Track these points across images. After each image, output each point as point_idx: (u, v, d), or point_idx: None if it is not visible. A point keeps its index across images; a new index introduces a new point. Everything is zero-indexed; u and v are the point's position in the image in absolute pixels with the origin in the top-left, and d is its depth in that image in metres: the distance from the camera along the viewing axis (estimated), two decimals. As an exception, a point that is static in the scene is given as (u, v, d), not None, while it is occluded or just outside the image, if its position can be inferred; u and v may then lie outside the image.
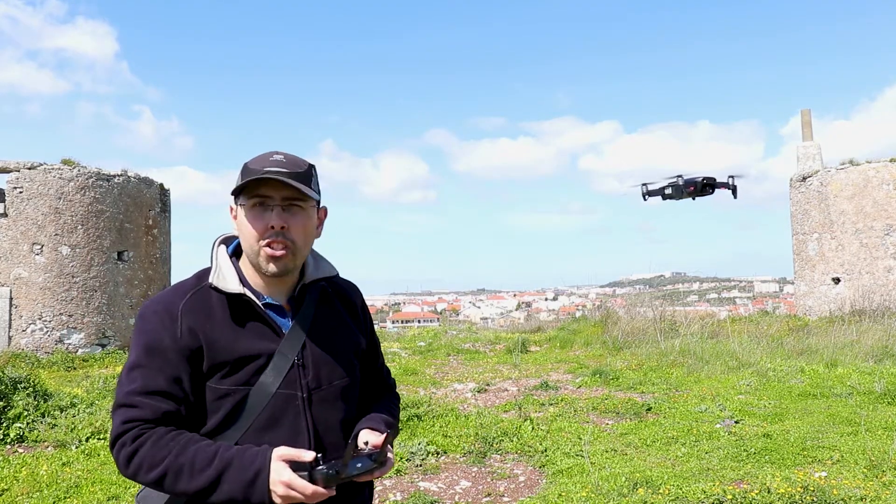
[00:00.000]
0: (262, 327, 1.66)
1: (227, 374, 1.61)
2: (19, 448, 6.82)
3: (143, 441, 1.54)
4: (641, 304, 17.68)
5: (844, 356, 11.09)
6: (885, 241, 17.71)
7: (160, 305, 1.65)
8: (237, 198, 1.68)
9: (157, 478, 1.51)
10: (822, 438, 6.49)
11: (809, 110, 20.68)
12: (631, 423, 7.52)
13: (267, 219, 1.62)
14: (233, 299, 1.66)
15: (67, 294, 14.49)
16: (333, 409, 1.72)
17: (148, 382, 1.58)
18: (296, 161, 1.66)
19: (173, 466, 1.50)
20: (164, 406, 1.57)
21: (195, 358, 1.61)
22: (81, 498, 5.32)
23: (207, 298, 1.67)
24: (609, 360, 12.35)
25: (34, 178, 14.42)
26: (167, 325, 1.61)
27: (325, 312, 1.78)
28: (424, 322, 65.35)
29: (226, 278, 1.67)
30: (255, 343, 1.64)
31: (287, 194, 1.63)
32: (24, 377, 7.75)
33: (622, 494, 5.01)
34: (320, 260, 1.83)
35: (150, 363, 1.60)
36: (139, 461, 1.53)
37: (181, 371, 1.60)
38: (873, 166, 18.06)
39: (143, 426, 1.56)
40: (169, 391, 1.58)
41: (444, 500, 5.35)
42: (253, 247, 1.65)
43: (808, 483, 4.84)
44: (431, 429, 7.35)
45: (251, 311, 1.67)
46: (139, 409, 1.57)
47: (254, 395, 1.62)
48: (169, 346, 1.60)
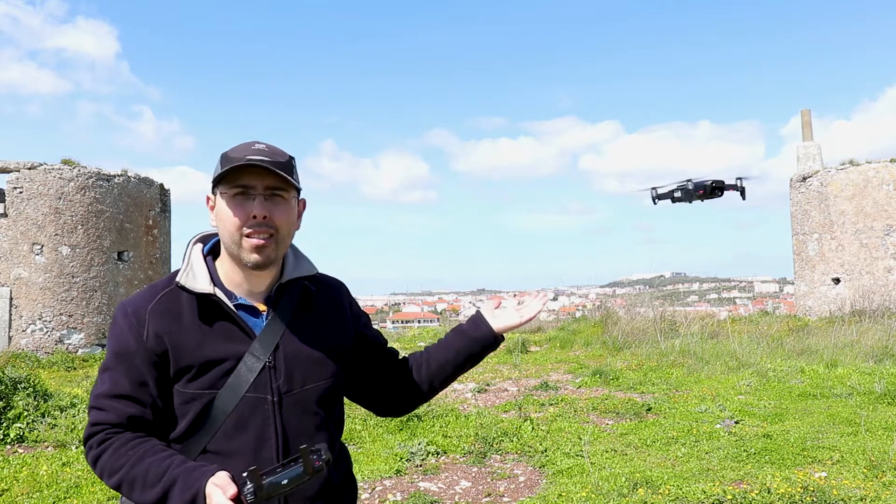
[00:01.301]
0: (231, 329, 1.61)
1: (193, 377, 1.58)
2: (19, 448, 6.82)
3: (107, 447, 1.54)
4: (641, 305, 17.67)
5: (844, 356, 11.09)
6: (885, 242, 17.71)
7: (130, 307, 1.62)
8: (216, 186, 1.62)
9: (116, 485, 1.52)
10: (822, 439, 6.49)
11: (809, 110, 20.68)
12: (631, 424, 7.52)
13: (249, 208, 1.57)
14: (202, 300, 1.61)
15: (67, 294, 14.49)
16: (306, 413, 1.66)
17: (114, 386, 1.57)
18: (277, 151, 1.61)
19: (128, 477, 1.50)
20: (130, 410, 1.56)
21: (161, 362, 1.58)
22: (81, 498, 5.32)
23: (177, 299, 1.62)
24: (609, 361, 12.35)
25: (34, 179, 14.43)
26: (134, 327, 1.59)
27: (304, 311, 1.72)
28: (424, 322, 65.35)
29: (196, 277, 1.63)
30: (222, 345, 1.59)
31: (270, 183, 1.58)
32: (24, 377, 7.75)
33: (622, 494, 5.01)
34: (301, 258, 1.77)
35: (118, 366, 1.58)
36: (101, 466, 1.54)
37: (147, 375, 1.57)
38: (873, 166, 18.06)
39: (109, 430, 1.55)
40: (134, 395, 1.56)
41: (444, 500, 5.35)
42: (234, 237, 1.59)
43: (808, 483, 4.84)
44: (431, 429, 7.35)
45: (220, 311, 1.62)
46: (106, 412, 1.56)
47: (221, 399, 1.58)
48: (134, 350, 1.57)
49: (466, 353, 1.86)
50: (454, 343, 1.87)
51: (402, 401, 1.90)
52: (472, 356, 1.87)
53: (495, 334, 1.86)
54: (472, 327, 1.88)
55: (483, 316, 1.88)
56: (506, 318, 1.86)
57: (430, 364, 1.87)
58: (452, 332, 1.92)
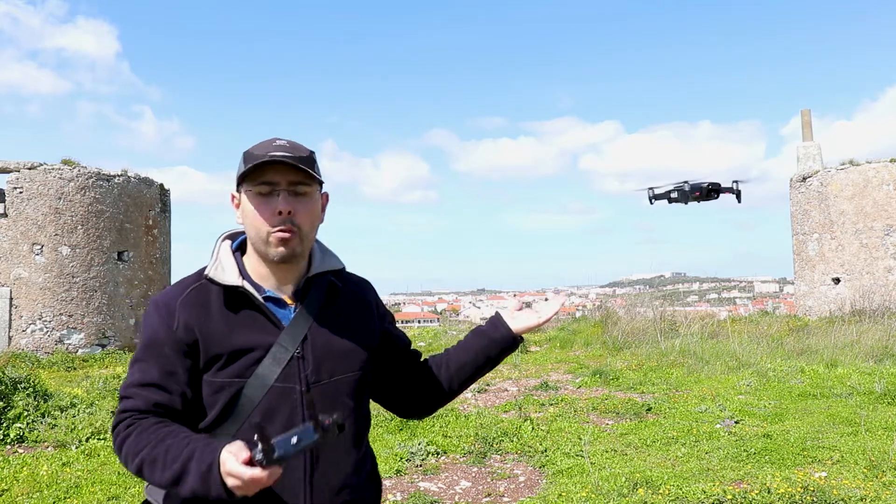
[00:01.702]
0: (260, 319, 1.64)
1: (222, 366, 1.60)
2: (19, 448, 6.82)
3: (131, 431, 1.55)
4: (641, 305, 17.68)
5: (844, 356, 11.10)
6: (885, 242, 17.71)
7: (161, 300, 1.67)
8: (240, 185, 1.66)
9: (138, 467, 1.52)
10: (822, 438, 6.49)
11: (809, 110, 20.70)
12: (631, 424, 7.52)
13: (274, 204, 1.61)
14: (230, 292, 1.65)
15: (67, 294, 14.49)
16: (335, 404, 1.68)
17: (143, 375, 1.60)
18: (298, 146, 1.65)
19: (148, 458, 1.50)
20: (156, 397, 1.58)
21: (192, 352, 1.61)
22: (81, 498, 5.32)
23: (206, 292, 1.66)
24: (609, 361, 12.35)
25: (34, 179, 14.43)
26: (165, 319, 1.62)
27: (331, 305, 1.75)
28: (424, 322, 65.37)
29: (224, 270, 1.66)
30: (251, 335, 1.62)
31: (293, 178, 1.62)
32: (24, 377, 7.75)
33: (622, 494, 5.01)
34: (327, 253, 1.81)
35: (147, 357, 1.62)
36: (125, 450, 1.55)
37: (176, 365, 1.60)
38: (873, 166, 18.07)
39: (135, 416, 1.57)
40: (162, 384, 1.59)
41: (444, 500, 5.35)
42: (260, 233, 1.63)
43: (808, 483, 4.84)
44: (431, 429, 7.35)
45: (249, 303, 1.65)
46: (133, 399, 1.59)
47: (249, 388, 1.60)
48: (164, 341, 1.61)
49: (485, 355, 1.88)
50: (473, 345, 1.89)
51: (423, 402, 1.93)
52: (491, 358, 1.89)
53: (514, 335, 1.88)
54: (491, 328, 1.89)
55: (501, 317, 1.90)
56: (524, 319, 1.88)
57: (450, 366, 1.89)
58: (471, 333, 1.93)
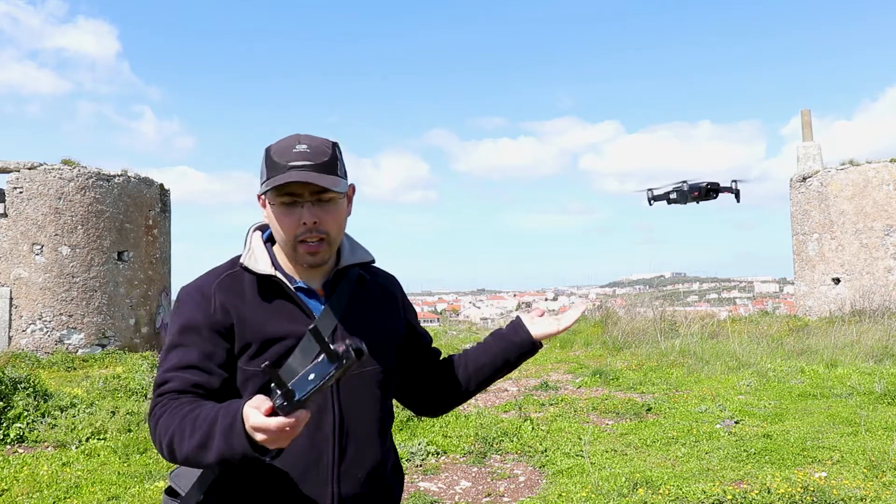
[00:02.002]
0: (291, 309, 1.64)
1: (254, 354, 1.60)
2: (19, 448, 6.82)
3: (166, 409, 1.52)
4: (641, 304, 17.68)
5: (844, 356, 11.10)
6: (885, 242, 17.71)
7: (193, 287, 1.67)
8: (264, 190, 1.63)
9: (169, 444, 1.47)
10: (822, 439, 6.49)
11: (809, 110, 20.70)
12: (631, 424, 7.52)
13: (298, 215, 1.60)
14: (263, 280, 1.65)
15: (67, 294, 14.49)
16: (363, 396, 1.68)
17: (181, 359, 1.58)
18: (320, 149, 1.60)
19: (178, 429, 1.46)
20: (195, 378, 1.56)
21: (229, 334, 1.60)
22: (81, 498, 5.32)
23: (240, 279, 1.66)
24: (609, 360, 12.35)
25: (34, 179, 14.43)
26: (200, 303, 1.62)
27: (360, 298, 1.75)
28: (424, 322, 65.25)
29: (258, 260, 1.66)
30: (283, 324, 1.62)
31: (315, 188, 1.59)
32: (24, 377, 7.75)
33: (622, 494, 5.02)
34: (356, 245, 1.80)
35: (184, 341, 1.60)
36: (159, 429, 1.50)
37: (215, 346, 1.59)
38: (873, 166, 18.07)
39: (171, 397, 1.55)
40: (200, 366, 1.57)
41: (444, 500, 5.35)
42: (287, 242, 1.64)
43: (808, 483, 4.84)
44: (431, 429, 7.35)
45: (281, 292, 1.65)
46: (171, 382, 1.56)
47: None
48: (202, 323, 1.60)
49: (504, 358, 1.89)
50: (493, 347, 1.90)
51: (440, 400, 1.93)
52: (510, 361, 1.90)
53: (533, 340, 1.89)
54: (512, 332, 1.90)
55: (522, 322, 1.91)
56: (545, 326, 1.89)
57: (469, 366, 1.90)
58: (491, 336, 1.94)
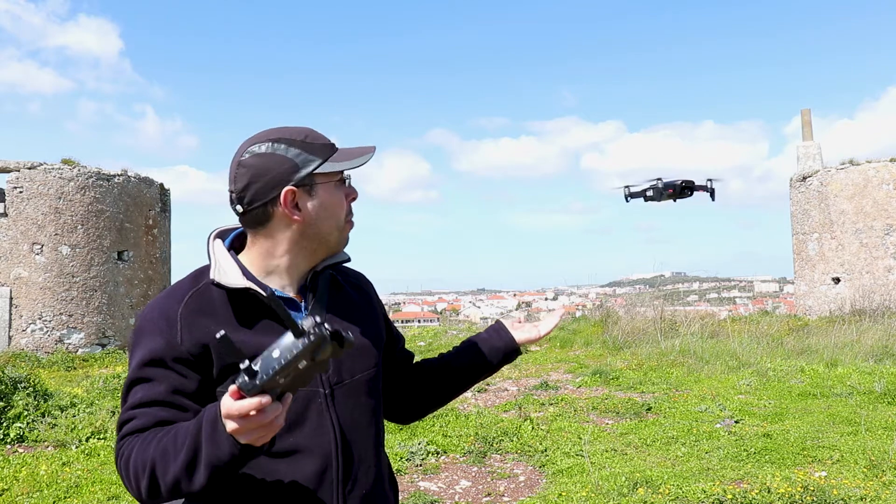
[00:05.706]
0: (271, 322, 1.53)
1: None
2: (19, 448, 6.82)
3: (135, 443, 1.41)
4: (641, 304, 17.68)
5: (844, 356, 11.10)
6: (885, 241, 17.71)
7: (156, 312, 1.52)
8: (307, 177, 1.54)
9: (150, 475, 1.36)
10: (822, 438, 6.49)
11: (809, 110, 20.70)
12: (631, 423, 7.52)
13: (345, 190, 1.60)
14: (237, 295, 1.53)
15: (67, 294, 14.49)
16: (359, 404, 1.60)
17: (146, 394, 1.46)
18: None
19: (158, 453, 1.36)
20: (163, 414, 1.45)
21: (201, 363, 1.48)
22: (81, 498, 5.32)
23: (209, 297, 1.52)
24: (609, 360, 12.35)
25: (34, 178, 14.43)
26: (164, 332, 1.48)
27: (338, 301, 1.67)
28: (424, 322, 65.36)
29: (227, 273, 1.54)
30: (265, 339, 1.46)
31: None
32: (24, 377, 7.75)
33: (622, 494, 5.02)
34: None
35: (147, 374, 1.48)
36: (133, 465, 1.40)
37: (183, 380, 1.47)
38: (873, 166, 18.07)
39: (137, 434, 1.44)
40: (168, 401, 1.46)
41: (444, 499, 5.35)
42: (339, 223, 1.59)
43: (808, 483, 4.84)
44: (431, 429, 7.35)
45: (259, 305, 1.53)
46: (136, 420, 1.45)
47: None
48: (168, 355, 1.47)
49: (486, 362, 1.84)
50: (473, 351, 1.85)
51: (414, 407, 1.86)
52: (492, 365, 1.85)
53: (516, 345, 1.85)
54: (495, 337, 1.86)
55: (505, 326, 1.88)
56: (526, 332, 1.86)
57: (445, 370, 1.84)
58: (469, 341, 1.88)
